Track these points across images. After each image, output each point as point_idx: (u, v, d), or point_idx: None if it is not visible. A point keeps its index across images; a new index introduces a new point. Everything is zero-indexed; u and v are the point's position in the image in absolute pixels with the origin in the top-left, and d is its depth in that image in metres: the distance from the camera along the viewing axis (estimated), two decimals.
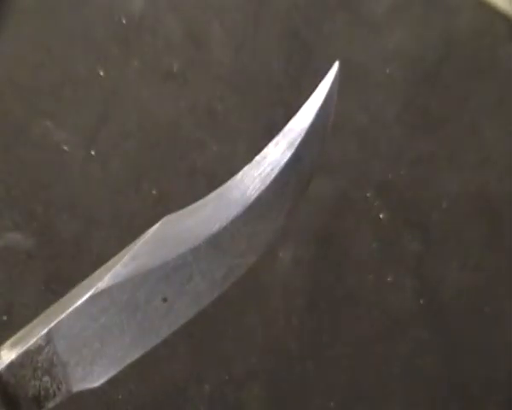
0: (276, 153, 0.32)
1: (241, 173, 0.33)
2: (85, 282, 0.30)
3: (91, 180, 0.68)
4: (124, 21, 0.73)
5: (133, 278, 0.28)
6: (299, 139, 0.33)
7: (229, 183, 0.32)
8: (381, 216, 0.73)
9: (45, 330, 0.27)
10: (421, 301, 0.72)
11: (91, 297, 0.28)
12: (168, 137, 0.71)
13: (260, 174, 0.32)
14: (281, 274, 0.69)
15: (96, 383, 0.29)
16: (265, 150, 0.33)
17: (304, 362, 0.68)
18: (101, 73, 0.71)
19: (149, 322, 0.29)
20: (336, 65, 0.37)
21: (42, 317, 0.29)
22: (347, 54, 0.76)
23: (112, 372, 0.30)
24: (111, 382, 0.28)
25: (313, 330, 0.69)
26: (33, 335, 0.27)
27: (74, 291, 0.30)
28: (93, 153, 0.68)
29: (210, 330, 0.66)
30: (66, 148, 0.68)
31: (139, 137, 0.70)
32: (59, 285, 0.64)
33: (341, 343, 0.70)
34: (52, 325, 0.27)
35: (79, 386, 0.29)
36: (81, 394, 0.29)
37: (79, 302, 0.28)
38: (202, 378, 0.65)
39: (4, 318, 0.62)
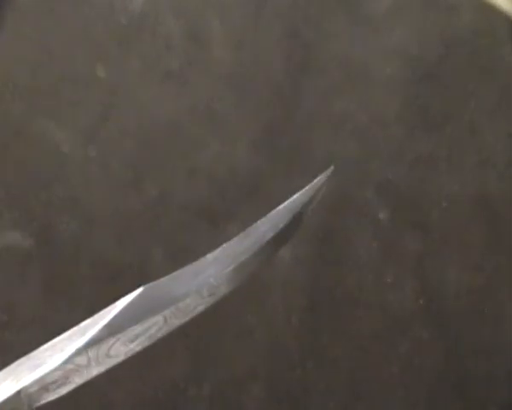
0: (258, 232, 0.36)
1: (218, 250, 0.35)
2: (59, 341, 0.31)
3: (91, 180, 0.68)
4: (124, 21, 0.73)
5: (108, 344, 0.31)
6: (269, 235, 0.36)
7: (207, 257, 0.35)
8: (380, 216, 0.73)
9: (17, 389, 0.29)
10: (421, 301, 0.72)
11: (67, 359, 0.30)
12: (168, 136, 0.71)
13: (234, 251, 0.35)
14: (281, 273, 0.69)
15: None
16: (249, 229, 0.36)
17: (304, 362, 0.68)
18: (101, 74, 0.71)
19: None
20: (330, 169, 0.39)
21: (15, 367, 0.30)
22: (347, 53, 0.76)
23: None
24: (111, 382, 0.29)
25: (313, 330, 0.69)
26: (5, 389, 0.29)
27: (47, 348, 0.31)
28: (93, 153, 0.69)
29: (210, 330, 0.66)
30: (65, 148, 0.68)
31: (139, 136, 0.70)
32: (59, 285, 0.64)
33: (341, 343, 0.70)
34: (23, 385, 0.29)
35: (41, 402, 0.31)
36: (81, 394, 0.30)
37: (52, 366, 0.30)
38: (202, 378, 0.65)
39: (5, 318, 0.62)
